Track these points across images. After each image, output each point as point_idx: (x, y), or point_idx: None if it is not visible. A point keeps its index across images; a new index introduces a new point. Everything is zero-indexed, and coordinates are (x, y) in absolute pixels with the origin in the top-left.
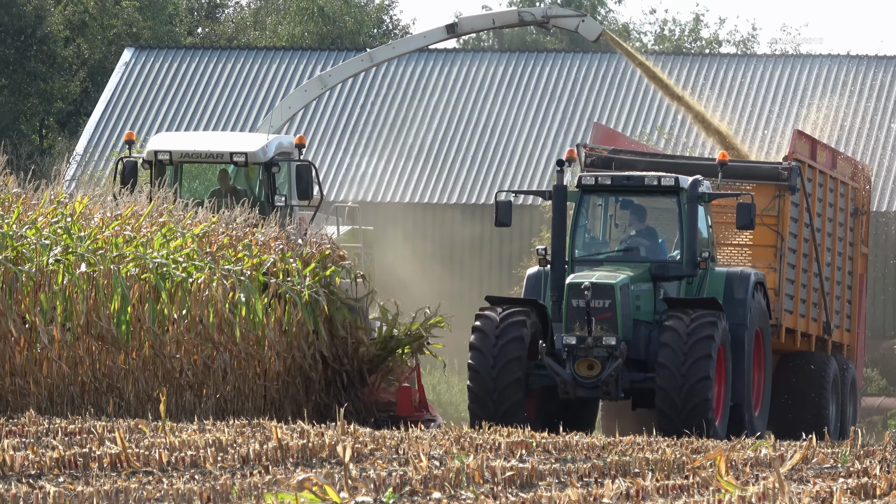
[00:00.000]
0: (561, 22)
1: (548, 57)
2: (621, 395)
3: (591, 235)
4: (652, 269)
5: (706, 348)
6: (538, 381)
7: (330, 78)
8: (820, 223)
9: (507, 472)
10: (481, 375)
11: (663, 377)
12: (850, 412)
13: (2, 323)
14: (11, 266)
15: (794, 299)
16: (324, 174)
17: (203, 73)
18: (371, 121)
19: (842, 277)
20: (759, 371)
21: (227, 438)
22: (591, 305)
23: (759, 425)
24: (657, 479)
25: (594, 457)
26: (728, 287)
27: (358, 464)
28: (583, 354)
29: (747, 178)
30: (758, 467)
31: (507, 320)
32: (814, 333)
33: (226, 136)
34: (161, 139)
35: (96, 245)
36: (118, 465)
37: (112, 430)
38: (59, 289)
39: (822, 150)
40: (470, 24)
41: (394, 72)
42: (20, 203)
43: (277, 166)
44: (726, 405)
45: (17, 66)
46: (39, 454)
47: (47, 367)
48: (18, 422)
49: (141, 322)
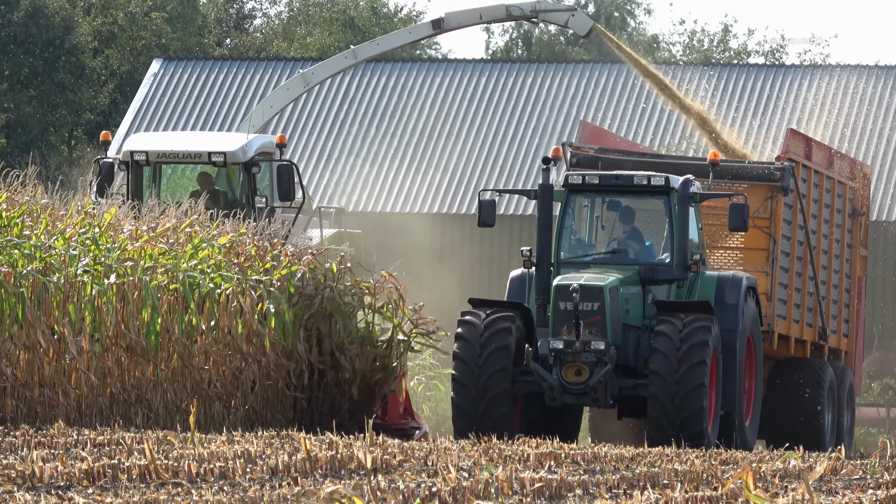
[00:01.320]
0: (550, 17)
1: (541, 67)
2: (610, 403)
3: (577, 237)
4: (641, 271)
5: (701, 354)
6: (524, 388)
7: (313, 76)
8: (815, 225)
9: (536, 484)
10: (466, 388)
11: (656, 384)
12: (847, 421)
13: (31, 334)
14: (40, 277)
15: (788, 304)
16: (314, 185)
17: (232, 84)
18: (361, 131)
19: (839, 281)
20: (750, 379)
21: (255, 450)
22: (579, 308)
23: (750, 434)
24: (686, 490)
25: (623, 468)
26: (719, 291)
27: (387, 475)
28: (570, 359)
29: (739, 178)
30: (787, 479)
31: (491, 328)
32: (809, 339)
33: (205, 136)
34: (137, 139)
35: (125, 256)
36: (147, 476)
37: (141, 442)
38: (87, 300)
39: (817, 148)
40: (456, 19)
41: (376, 81)
42: (48, 214)
43: (258, 166)
44: (717, 413)
45: (46, 77)
46: (68, 465)
47: (76, 378)
48: (47, 433)
49: (170, 333)
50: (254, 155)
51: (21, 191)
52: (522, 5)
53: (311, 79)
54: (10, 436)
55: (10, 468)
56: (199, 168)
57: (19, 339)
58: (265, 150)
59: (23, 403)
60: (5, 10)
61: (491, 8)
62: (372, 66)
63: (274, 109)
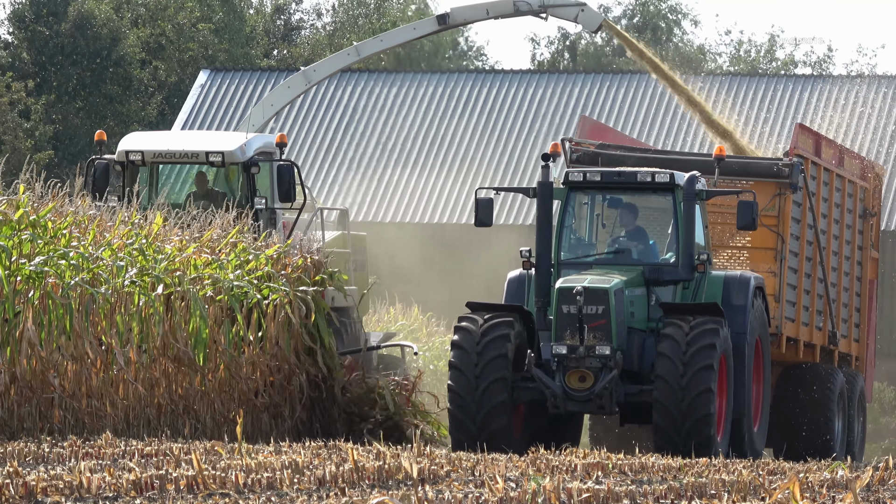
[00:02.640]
0: (559, 11)
1: (541, 76)
2: (615, 410)
3: (577, 236)
4: (645, 272)
5: (707, 358)
6: (525, 395)
7: (315, 73)
8: (825, 224)
9: (583, 494)
10: (462, 398)
11: (661, 390)
12: (857, 428)
13: (78, 345)
14: (88, 288)
15: (797, 306)
16: (361, 197)
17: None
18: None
19: (849, 283)
20: (758, 383)
21: (303, 460)
22: (583, 312)
23: (759, 441)
24: (733, 500)
25: (670, 478)
26: (726, 292)
27: (434, 486)
28: (574, 365)
29: (746, 174)
30: (834, 489)
31: (488, 334)
32: (818, 343)
33: (202, 135)
34: (133, 138)
35: (173, 266)
36: (194, 486)
37: (188, 452)
38: (135, 310)
39: (827, 145)
40: (462, 14)
41: (423, 92)
42: (96, 224)
43: (257, 166)
44: (728, 420)
45: (94, 88)
46: (116, 476)
47: (124, 388)
48: (95, 444)
49: (217, 344)
50: (253, 155)
51: (69, 202)
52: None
53: (313, 76)
54: (59, 447)
55: (59, 479)
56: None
57: (67, 351)
58: (265, 149)
59: (70, 414)
60: (53, 22)
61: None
62: (420, 77)
63: (275, 108)
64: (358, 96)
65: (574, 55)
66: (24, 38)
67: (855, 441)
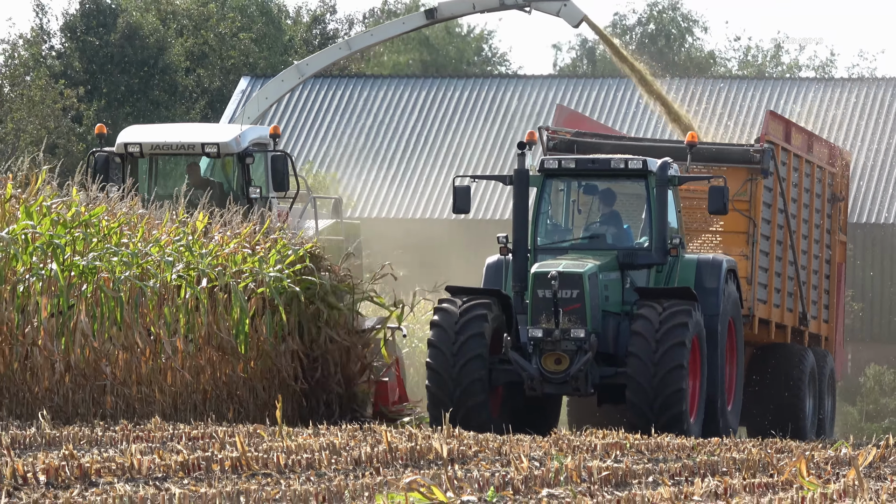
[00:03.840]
0: (542, 6)
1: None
2: (591, 391)
3: (553, 222)
4: (619, 256)
5: (679, 336)
6: (502, 377)
7: (307, 67)
8: (795, 209)
9: (602, 472)
10: (441, 375)
11: (634, 367)
12: (828, 406)
13: (129, 335)
14: (137, 282)
15: (768, 288)
16: (400, 198)
17: (315, 99)
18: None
19: (819, 266)
20: (731, 363)
21: (340, 442)
22: (558, 296)
23: (732, 420)
24: (744, 477)
25: (684, 457)
26: (699, 275)
27: (462, 465)
28: (550, 348)
29: (717, 161)
30: (838, 466)
31: (467, 314)
32: (789, 324)
33: (198, 128)
34: (131, 131)
35: (216, 262)
36: (238, 467)
37: (232, 435)
38: (181, 303)
39: (797, 132)
40: (449, 8)
41: (451, 95)
42: (144, 223)
43: (252, 157)
44: (701, 402)
45: (141, 94)
46: (165, 458)
47: (171, 376)
48: (145, 428)
49: (258, 333)
50: (248, 146)
51: (119, 202)
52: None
53: (306, 70)
54: (110, 430)
55: (111, 461)
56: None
57: (118, 340)
58: (259, 141)
59: (122, 400)
60: (103, 33)
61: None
62: (447, 82)
63: (269, 101)
64: (389, 100)
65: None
66: (75, 48)
67: (826, 418)
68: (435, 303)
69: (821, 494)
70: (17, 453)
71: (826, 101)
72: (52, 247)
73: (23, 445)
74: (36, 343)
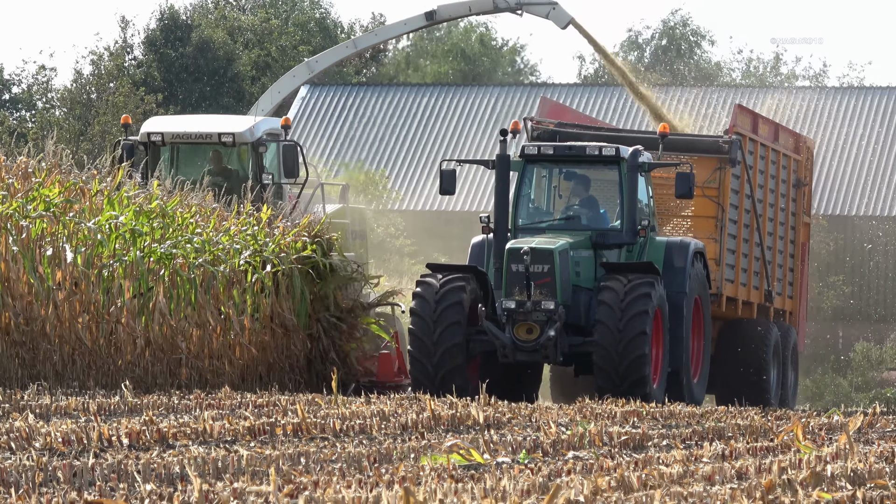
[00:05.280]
0: (532, 9)
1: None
2: (560, 359)
3: (534, 205)
4: (592, 236)
5: (643, 305)
6: (479, 347)
7: (317, 63)
8: (762, 194)
9: (622, 437)
10: (421, 340)
11: (601, 333)
12: (791, 378)
13: (201, 314)
14: (209, 267)
15: (736, 269)
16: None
17: (367, 106)
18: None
19: (784, 246)
20: (698, 338)
21: (389, 409)
22: (530, 270)
23: (699, 391)
24: (747, 441)
25: (694, 423)
26: (668, 256)
27: (497, 430)
28: (522, 318)
29: (689, 150)
30: (831, 431)
31: (446, 286)
32: (755, 301)
33: (216, 119)
34: (154, 122)
35: (279, 249)
36: (299, 432)
37: (293, 403)
38: (248, 285)
39: (763, 123)
40: (447, 11)
41: (486, 102)
42: (216, 215)
43: (265, 146)
44: (664, 370)
45: (212, 101)
46: (234, 423)
47: (239, 350)
48: (216, 397)
49: (316, 313)
50: (261, 136)
51: (193, 195)
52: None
53: (315, 66)
54: (185, 399)
55: (186, 426)
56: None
57: (192, 319)
58: (272, 131)
59: (195, 372)
60: (179, 46)
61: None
62: (483, 90)
63: (281, 95)
64: (432, 106)
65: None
66: (154, 59)
67: (788, 388)
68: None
69: (815, 457)
70: (103, 419)
71: (819, 106)
72: (134, 235)
73: (108, 412)
74: (119, 321)
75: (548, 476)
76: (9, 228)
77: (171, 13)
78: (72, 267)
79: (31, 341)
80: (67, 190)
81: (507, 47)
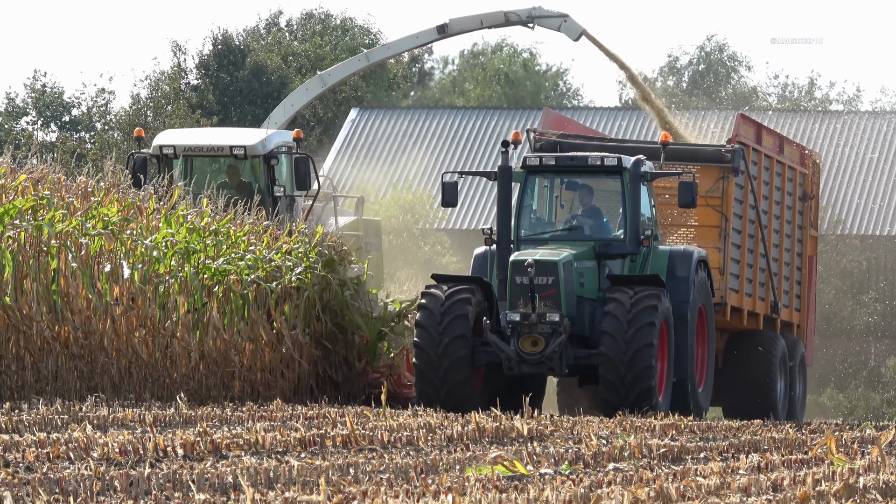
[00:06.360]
0: (545, 22)
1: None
2: (565, 371)
3: (536, 216)
4: (596, 247)
5: (649, 317)
6: (484, 358)
7: (329, 77)
8: (766, 205)
9: (661, 449)
10: (427, 353)
11: (607, 344)
12: (799, 390)
13: (254, 329)
14: (263, 283)
15: (740, 278)
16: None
17: (414, 128)
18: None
19: (790, 259)
20: (702, 347)
21: (435, 422)
22: (534, 282)
23: (703, 401)
24: (782, 454)
25: (731, 436)
26: (671, 265)
27: (540, 442)
28: (527, 331)
29: (692, 160)
30: (863, 445)
31: (452, 298)
32: (761, 312)
33: (228, 131)
34: (167, 135)
35: (330, 266)
36: (348, 443)
37: (343, 416)
38: (300, 301)
39: (767, 135)
40: (459, 24)
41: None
42: (269, 234)
43: (276, 158)
44: (669, 380)
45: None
46: (285, 435)
47: (290, 364)
48: (268, 408)
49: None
50: (273, 148)
51: (246, 215)
52: (519, 12)
53: (328, 80)
54: (238, 411)
55: (239, 437)
56: (223, 161)
57: (245, 333)
58: (284, 144)
59: (248, 385)
60: (233, 70)
61: (490, 14)
62: (527, 113)
63: (295, 108)
64: (477, 129)
65: None
66: (209, 83)
67: (797, 401)
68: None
69: (848, 469)
70: (159, 430)
71: (853, 130)
72: (188, 252)
73: (163, 423)
74: (175, 335)
75: (589, 487)
76: (69, 245)
77: (225, 38)
78: (129, 283)
79: (90, 354)
80: (125, 209)
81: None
